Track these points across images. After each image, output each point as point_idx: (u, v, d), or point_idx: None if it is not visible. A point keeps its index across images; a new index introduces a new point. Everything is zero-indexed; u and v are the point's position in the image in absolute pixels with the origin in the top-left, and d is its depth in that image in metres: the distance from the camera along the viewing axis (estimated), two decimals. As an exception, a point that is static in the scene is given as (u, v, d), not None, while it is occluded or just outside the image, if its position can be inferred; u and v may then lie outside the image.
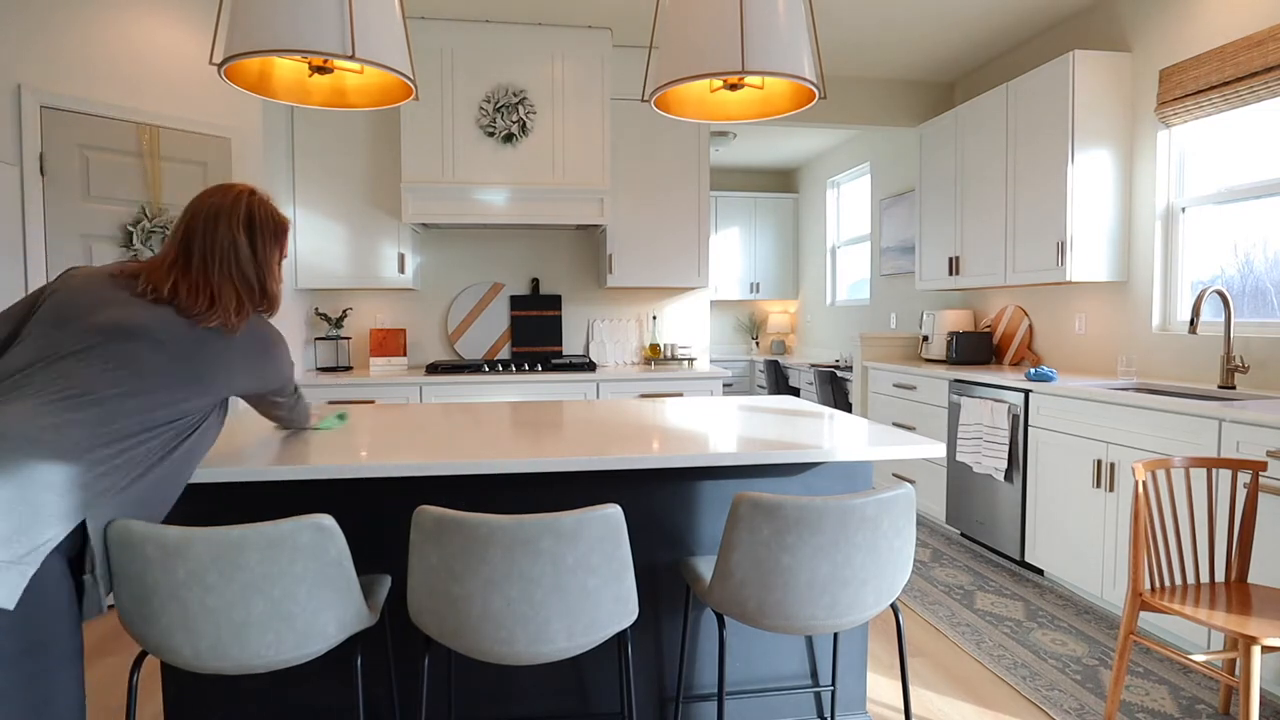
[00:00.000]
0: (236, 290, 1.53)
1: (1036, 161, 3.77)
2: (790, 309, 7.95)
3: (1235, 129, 3.18)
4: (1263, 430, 2.31)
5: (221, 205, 1.56)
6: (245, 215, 1.57)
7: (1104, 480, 2.97)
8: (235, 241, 1.54)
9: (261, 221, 1.60)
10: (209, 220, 1.54)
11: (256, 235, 1.58)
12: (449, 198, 3.96)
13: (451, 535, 1.34)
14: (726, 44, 1.82)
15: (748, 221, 7.61)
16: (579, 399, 3.61)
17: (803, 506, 1.43)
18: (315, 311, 4.40)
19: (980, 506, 3.78)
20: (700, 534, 2.06)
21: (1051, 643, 2.75)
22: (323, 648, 1.39)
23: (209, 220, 1.54)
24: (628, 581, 1.44)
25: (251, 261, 1.57)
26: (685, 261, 4.42)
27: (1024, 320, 4.37)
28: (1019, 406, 3.44)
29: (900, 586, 1.58)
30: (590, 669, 2.05)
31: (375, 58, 1.71)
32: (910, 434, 2.09)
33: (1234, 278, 3.22)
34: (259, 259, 1.58)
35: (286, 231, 1.67)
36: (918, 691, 2.43)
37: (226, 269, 1.53)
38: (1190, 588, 2.12)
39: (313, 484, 1.90)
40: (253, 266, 1.57)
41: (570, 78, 4.05)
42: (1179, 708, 2.29)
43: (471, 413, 2.50)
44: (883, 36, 4.29)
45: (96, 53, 3.09)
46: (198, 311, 1.46)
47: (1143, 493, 2.09)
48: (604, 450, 1.79)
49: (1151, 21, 3.49)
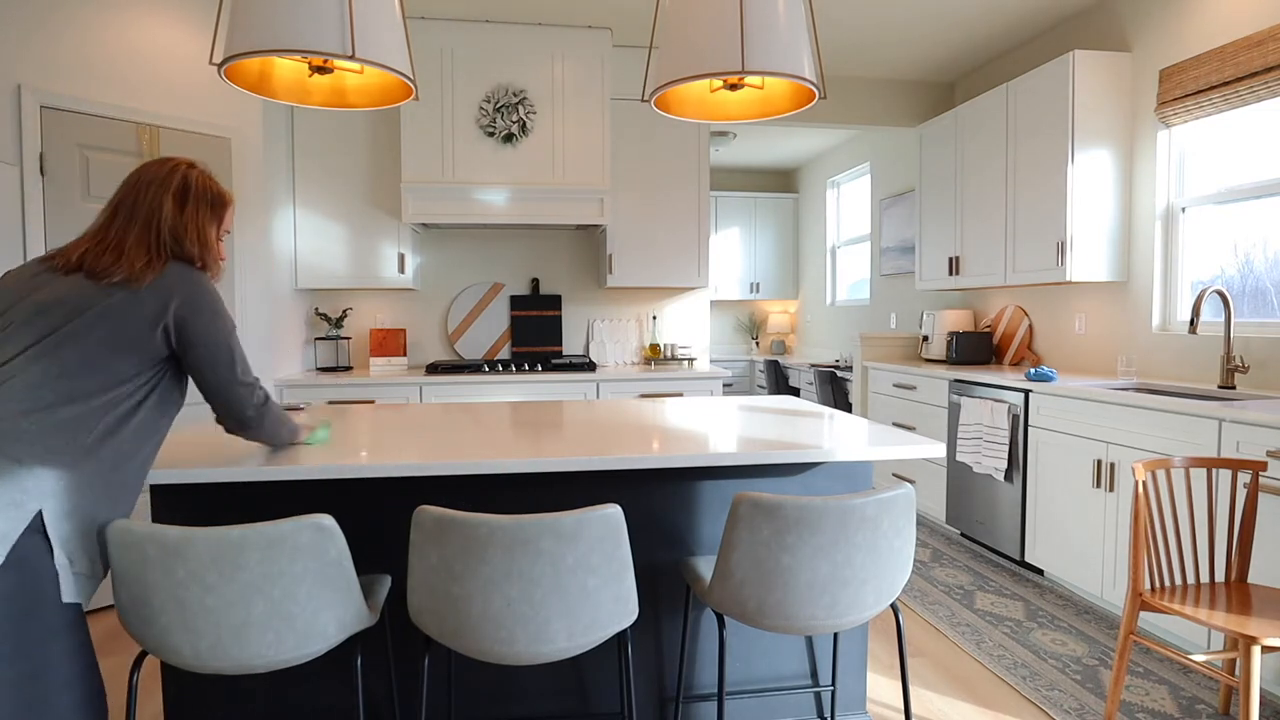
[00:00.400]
0: (148, 246, 1.46)
1: (1036, 161, 3.77)
2: (790, 309, 7.95)
3: (1235, 129, 3.18)
4: (1263, 430, 2.31)
5: (156, 175, 1.52)
6: (179, 184, 1.52)
7: (1104, 480, 2.97)
8: (160, 205, 1.49)
9: (197, 192, 1.54)
10: (140, 188, 1.50)
11: (189, 202, 1.52)
12: (449, 198, 3.96)
13: (451, 535, 1.34)
14: (726, 44, 1.82)
15: (748, 221, 7.61)
16: (579, 399, 3.61)
17: (803, 506, 1.43)
18: (315, 311, 4.40)
19: (980, 506, 3.78)
20: (700, 534, 2.06)
21: (1051, 643, 2.75)
22: (323, 648, 1.39)
23: (140, 188, 1.50)
24: (628, 581, 1.44)
25: (174, 223, 1.49)
26: (685, 261, 4.42)
27: (1024, 320, 4.37)
28: (1019, 406, 3.44)
29: (900, 586, 1.58)
30: (590, 669, 2.05)
31: (375, 58, 1.71)
32: (910, 434, 2.09)
33: (1234, 278, 3.22)
34: (185, 222, 1.51)
35: (226, 206, 1.60)
36: (918, 691, 2.43)
37: (145, 230, 1.47)
38: (1190, 588, 2.12)
39: (313, 484, 1.90)
40: (171, 227, 1.49)
41: (570, 78, 4.05)
42: (1179, 708, 2.29)
43: (471, 413, 2.50)
44: (883, 36, 4.29)
45: (96, 53, 3.09)
46: (102, 269, 1.41)
47: (1143, 493, 2.09)
48: (604, 450, 1.79)
49: (1151, 21, 3.49)
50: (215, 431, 2.10)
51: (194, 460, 1.69)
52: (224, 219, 1.60)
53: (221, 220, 1.59)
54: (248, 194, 3.55)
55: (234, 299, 3.49)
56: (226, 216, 1.61)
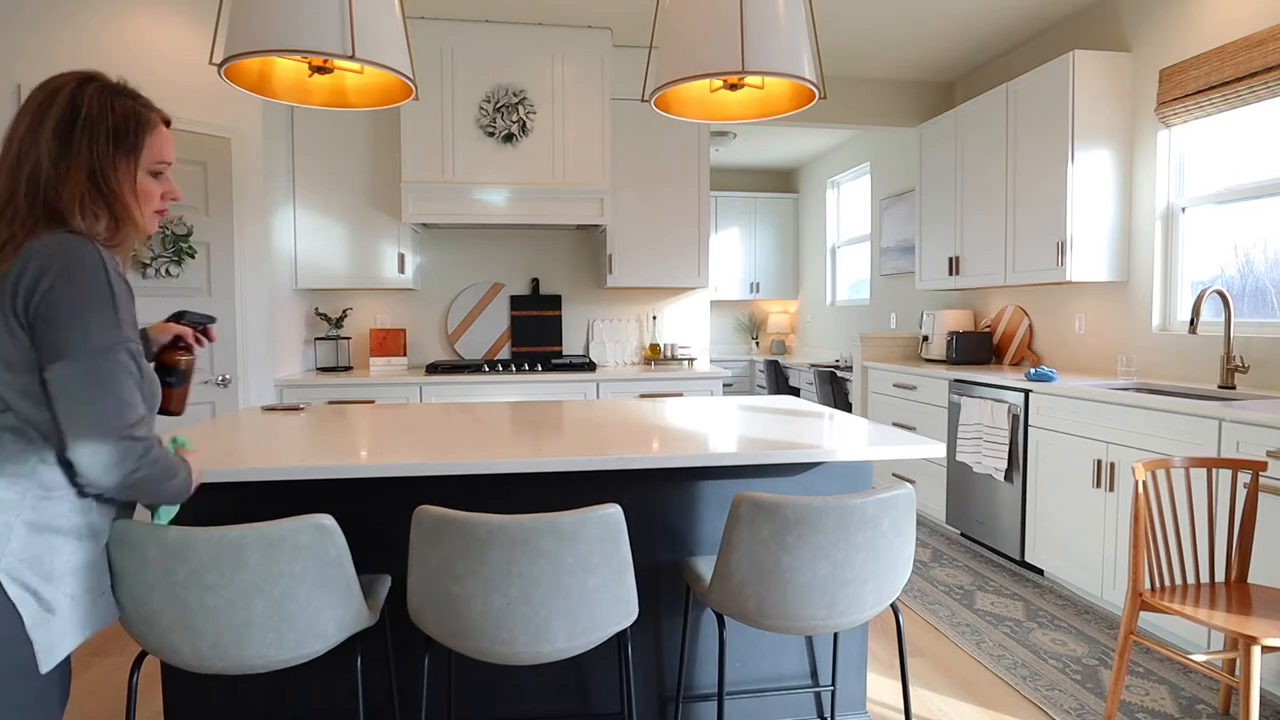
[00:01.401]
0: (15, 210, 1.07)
1: (1036, 161, 3.77)
2: (790, 309, 7.95)
3: (1235, 129, 3.18)
4: (1263, 430, 2.31)
5: (30, 103, 1.12)
6: (64, 110, 1.11)
7: (1104, 480, 2.97)
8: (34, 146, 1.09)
9: (90, 117, 1.11)
10: (13, 128, 1.13)
11: (76, 136, 1.10)
12: (449, 198, 3.96)
13: (451, 535, 1.34)
14: (726, 44, 1.82)
15: (748, 221, 7.61)
16: (579, 399, 3.61)
17: (803, 506, 1.43)
18: (315, 311, 4.40)
19: (980, 506, 3.78)
20: (700, 534, 2.06)
21: (1051, 643, 2.75)
22: (323, 648, 1.39)
23: (13, 128, 1.13)
24: (628, 581, 1.44)
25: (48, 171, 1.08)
26: (685, 261, 4.42)
27: (1024, 320, 4.37)
28: (1019, 406, 3.44)
29: (900, 586, 1.58)
30: (590, 669, 2.05)
31: (375, 58, 1.71)
32: (910, 434, 2.09)
33: (1234, 278, 3.22)
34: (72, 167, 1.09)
35: (145, 132, 1.17)
36: (918, 691, 2.43)
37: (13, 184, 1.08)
38: (1190, 588, 2.12)
39: (312, 484, 1.90)
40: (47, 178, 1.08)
41: (570, 78, 4.05)
42: (1179, 708, 2.29)
43: (471, 413, 2.50)
44: (883, 36, 4.29)
45: (95, 52, 3.09)
46: None
47: (1143, 493, 2.09)
48: (604, 450, 1.79)
49: (1151, 21, 3.49)
50: (213, 431, 2.10)
51: (194, 460, 1.69)
52: (145, 150, 1.17)
53: (139, 153, 1.16)
54: (248, 194, 3.55)
55: (234, 299, 3.49)
56: (150, 145, 1.18)
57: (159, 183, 1.20)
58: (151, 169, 1.18)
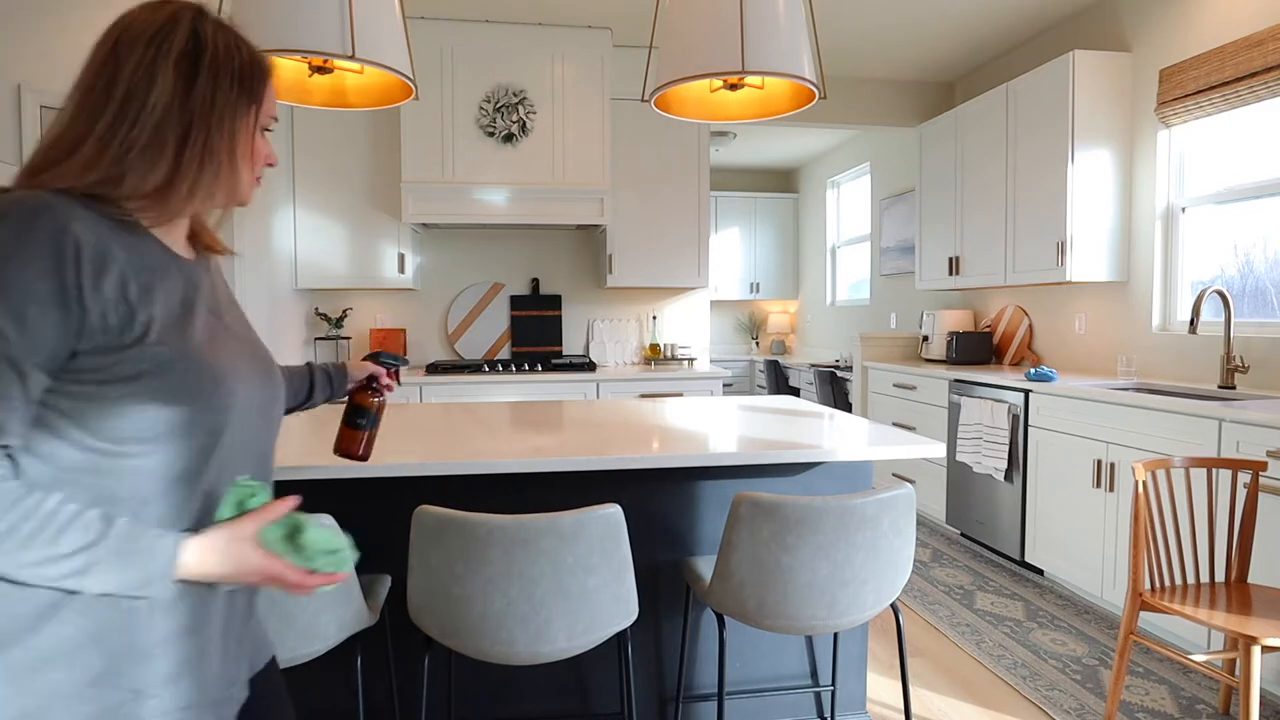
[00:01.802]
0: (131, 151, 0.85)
1: (1036, 161, 3.77)
2: (790, 309, 7.95)
3: (1235, 129, 3.18)
4: (1263, 430, 2.31)
5: (143, 29, 0.91)
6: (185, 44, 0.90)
7: (1104, 480, 2.97)
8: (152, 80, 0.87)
9: (214, 55, 0.91)
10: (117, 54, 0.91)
11: (201, 76, 0.89)
12: (449, 198, 3.96)
13: (452, 535, 1.34)
14: (726, 44, 1.82)
15: (748, 221, 7.60)
16: (579, 399, 3.61)
17: (803, 506, 1.43)
18: (315, 311, 4.40)
19: (980, 506, 3.78)
20: (700, 534, 2.06)
21: (1051, 643, 2.75)
22: (322, 648, 1.39)
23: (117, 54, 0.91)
24: (628, 581, 1.44)
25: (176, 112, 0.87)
26: (685, 261, 4.42)
27: (1024, 320, 4.37)
28: (1019, 406, 3.44)
29: (900, 586, 1.58)
30: (590, 669, 2.05)
31: (375, 58, 1.71)
32: (910, 434, 2.09)
33: (1234, 278, 3.22)
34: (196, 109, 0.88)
35: (266, 79, 0.98)
36: (918, 691, 2.43)
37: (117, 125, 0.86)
38: (1190, 588, 2.12)
39: (312, 484, 1.90)
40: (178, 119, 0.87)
41: (570, 78, 4.05)
42: (1179, 708, 2.29)
43: (471, 413, 2.50)
44: (883, 36, 4.29)
45: (96, 53, 3.09)
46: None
47: (1143, 493, 2.09)
48: (604, 450, 1.79)
49: (1151, 21, 3.49)
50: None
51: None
52: (264, 102, 0.98)
53: (261, 103, 0.97)
54: (248, 194, 3.55)
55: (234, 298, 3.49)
56: (269, 96, 0.99)
57: (264, 143, 1.01)
58: (265, 124, 1.00)
